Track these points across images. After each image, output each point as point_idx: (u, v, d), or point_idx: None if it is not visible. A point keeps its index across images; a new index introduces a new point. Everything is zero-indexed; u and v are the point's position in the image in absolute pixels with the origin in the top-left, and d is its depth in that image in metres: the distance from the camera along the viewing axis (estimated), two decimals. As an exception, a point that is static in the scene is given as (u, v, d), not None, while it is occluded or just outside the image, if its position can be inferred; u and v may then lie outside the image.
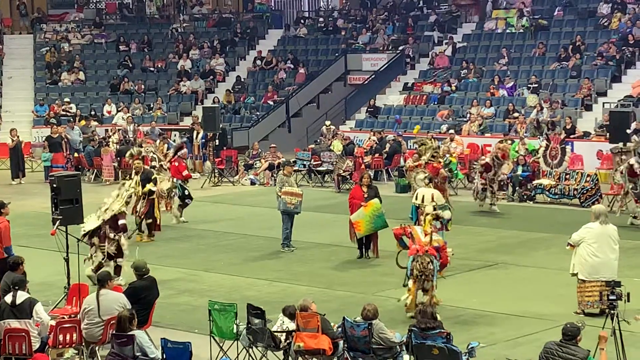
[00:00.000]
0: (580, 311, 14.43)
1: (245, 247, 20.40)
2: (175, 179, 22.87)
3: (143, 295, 13.04)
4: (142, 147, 24.49)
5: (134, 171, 21.29)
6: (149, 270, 13.39)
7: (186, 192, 23.00)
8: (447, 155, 24.83)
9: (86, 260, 16.49)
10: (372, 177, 20.77)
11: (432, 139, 24.22)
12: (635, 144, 23.38)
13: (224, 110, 36.69)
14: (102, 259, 16.62)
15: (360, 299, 14.99)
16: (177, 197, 22.76)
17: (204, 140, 30.59)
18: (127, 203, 17.61)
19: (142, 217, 20.76)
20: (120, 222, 16.87)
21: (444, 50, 36.72)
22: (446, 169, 23.08)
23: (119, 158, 29.09)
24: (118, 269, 16.73)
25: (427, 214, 15.05)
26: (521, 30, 36.04)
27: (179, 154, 24.28)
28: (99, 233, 16.67)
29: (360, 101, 36.61)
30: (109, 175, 29.64)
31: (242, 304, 12.69)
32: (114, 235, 16.67)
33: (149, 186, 20.59)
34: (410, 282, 14.52)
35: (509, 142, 25.79)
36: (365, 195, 18.74)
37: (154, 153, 23.35)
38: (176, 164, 23.80)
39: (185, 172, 23.96)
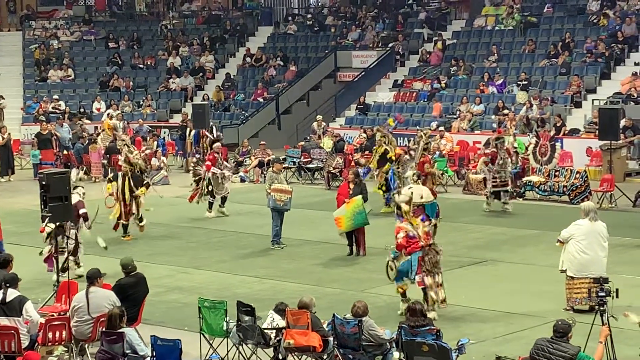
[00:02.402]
0: (569, 308, 14.46)
1: (235, 244, 20.39)
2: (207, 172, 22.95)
3: (130, 292, 13.01)
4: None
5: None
6: (136, 267, 13.35)
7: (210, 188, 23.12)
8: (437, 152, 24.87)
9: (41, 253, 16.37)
10: (359, 174, 20.69)
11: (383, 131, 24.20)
12: None
13: (213, 108, 36.67)
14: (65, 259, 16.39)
15: (350, 296, 14.99)
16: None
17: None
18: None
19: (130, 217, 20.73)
20: (81, 211, 16.85)
21: (440, 48, 36.60)
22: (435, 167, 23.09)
23: (107, 155, 29.01)
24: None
25: (404, 211, 14.72)
26: (510, 28, 36.05)
27: (213, 147, 24.15)
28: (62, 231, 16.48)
29: (350, 98, 36.60)
30: (98, 173, 29.56)
31: (232, 301, 12.68)
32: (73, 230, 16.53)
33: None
34: (417, 278, 14.30)
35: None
36: (351, 192, 18.74)
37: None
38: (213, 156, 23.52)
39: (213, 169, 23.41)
